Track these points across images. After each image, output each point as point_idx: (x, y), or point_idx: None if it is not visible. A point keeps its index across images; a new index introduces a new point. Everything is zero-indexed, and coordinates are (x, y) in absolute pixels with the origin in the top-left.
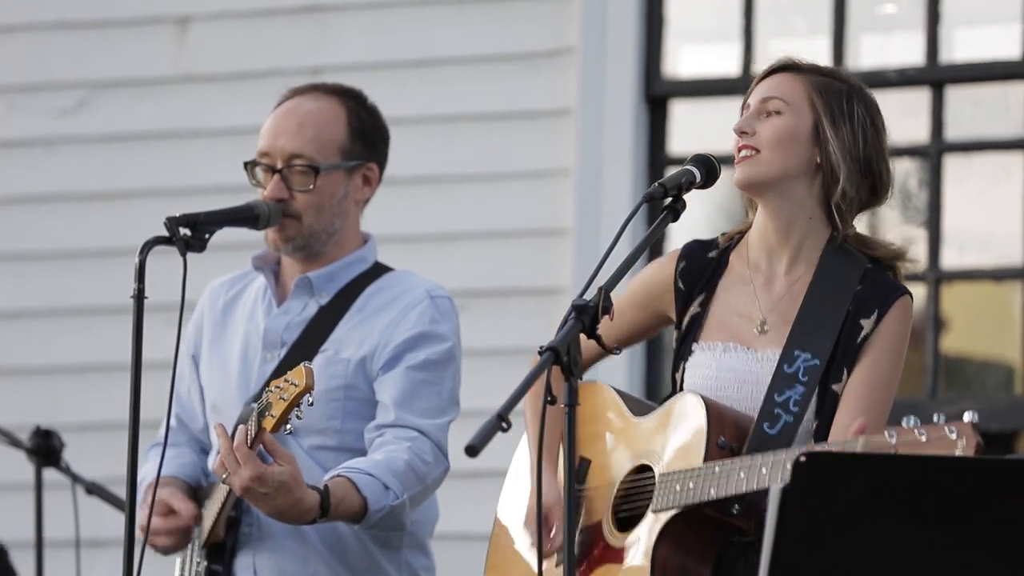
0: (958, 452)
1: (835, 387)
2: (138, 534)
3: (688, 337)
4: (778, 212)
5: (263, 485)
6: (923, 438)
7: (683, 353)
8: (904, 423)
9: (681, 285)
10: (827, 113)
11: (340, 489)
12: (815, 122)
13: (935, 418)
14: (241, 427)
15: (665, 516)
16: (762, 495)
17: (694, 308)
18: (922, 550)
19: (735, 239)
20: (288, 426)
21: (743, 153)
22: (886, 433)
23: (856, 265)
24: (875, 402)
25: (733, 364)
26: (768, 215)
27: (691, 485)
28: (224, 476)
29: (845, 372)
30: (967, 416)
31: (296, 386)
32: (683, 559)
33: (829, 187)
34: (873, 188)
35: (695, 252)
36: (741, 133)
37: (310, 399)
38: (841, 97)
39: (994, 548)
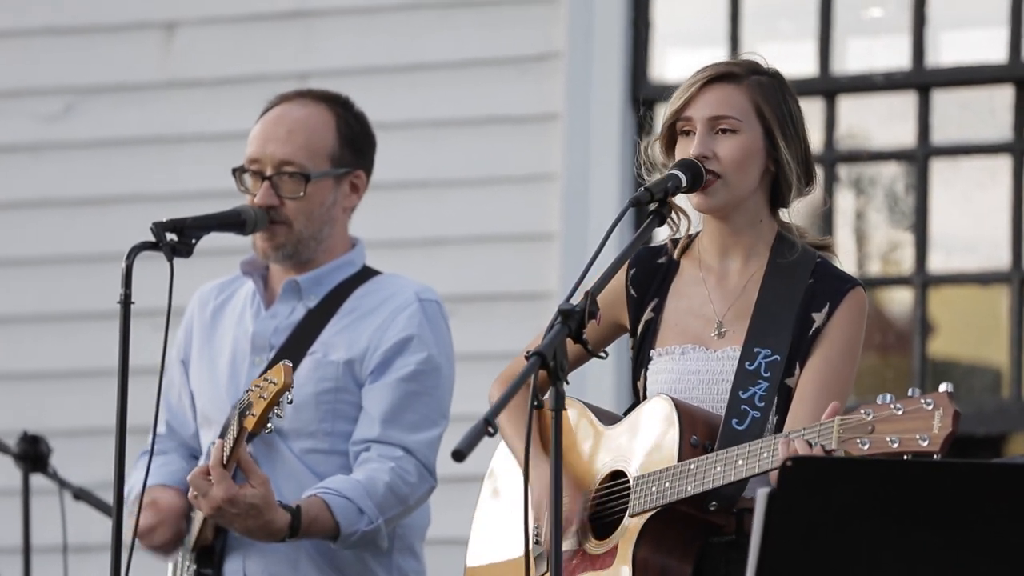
0: (936, 422)
1: (788, 382)
2: (128, 540)
3: (645, 344)
4: (732, 221)
5: (234, 506)
6: (899, 412)
7: (642, 360)
8: (879, 400)
9: (633, 292)
10: (776, 122)
11: (313, 510)
12: (765, 132)
13: (910, 392)
14: (218, 441)
15: (643, 517)
16: (738, 490)
17: (647, 314)
18: (909, 555)
19: (685, 244)
20: (269, 425)
21: (707, 182)
22: (862, 411)
23: (807, 258)
24: (828, 395)
25: (695, 366)
26: (721, 223)
27: (667, 485)
28: (194, 495)
29: (797, 366)
30: (943, 387)
31: (275, 384)
32: (664, 559)
33: (780, 191)
34: (809, 180)
35: (644, 259)
36: (702, 158)
37: (289, 396)
38: (779, 99)
39: (981, 552)
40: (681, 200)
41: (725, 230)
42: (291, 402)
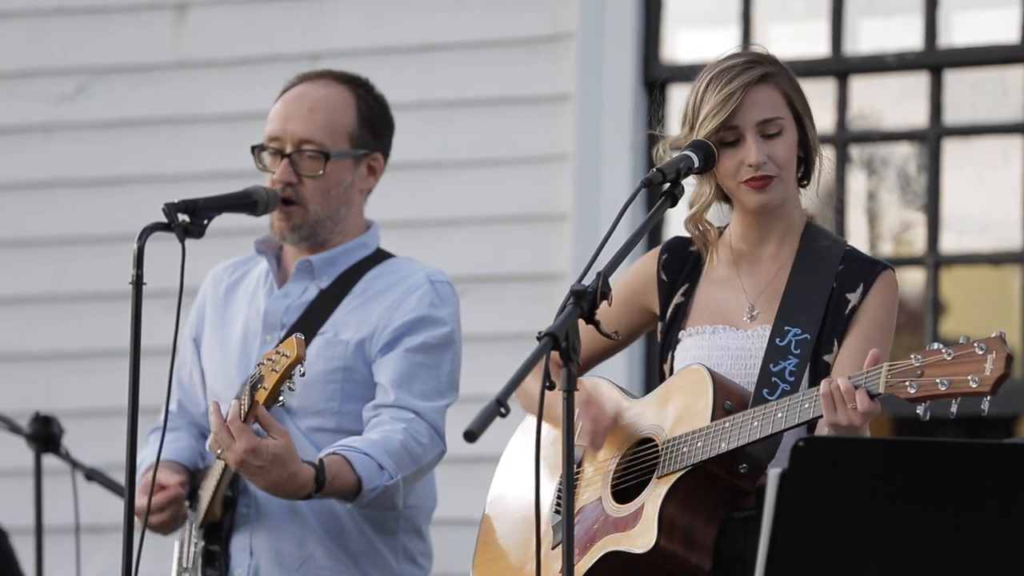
0: (988, 365)
1: (826, 358)
2: (136, 519)
3: (673, 327)
4: (776, 212)
5: (257, 458)
6: (950, 357)
7: (670, 343)
8: (928, 347)
9: (664, 277)
10: (804, 112)
11: (335, 465)
12: (797, 123)
13: (961, 339)
14: (235, 402)
15: (672, 477)
16: (769, 454)
17: (678, 298)
18: (920, 534)
19: (714, 238)
20: (281, 399)
21: (761, 179)
22: (911, 357)
23: (835, 246)
24: None
25: (725, 343)
26: (763, 216)
27: (700, 444)
28: (219, 452)
29: (836, 343)
30: (995, 333)
31: (287, 357)
32: (690, 519)
33: (806, 176)
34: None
35: (676, 245)
36: (761, 166)
37: (301, 370)
38: (795, 86)
39: (992, 532)
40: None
41: (762, 220)
42: (303, 375)
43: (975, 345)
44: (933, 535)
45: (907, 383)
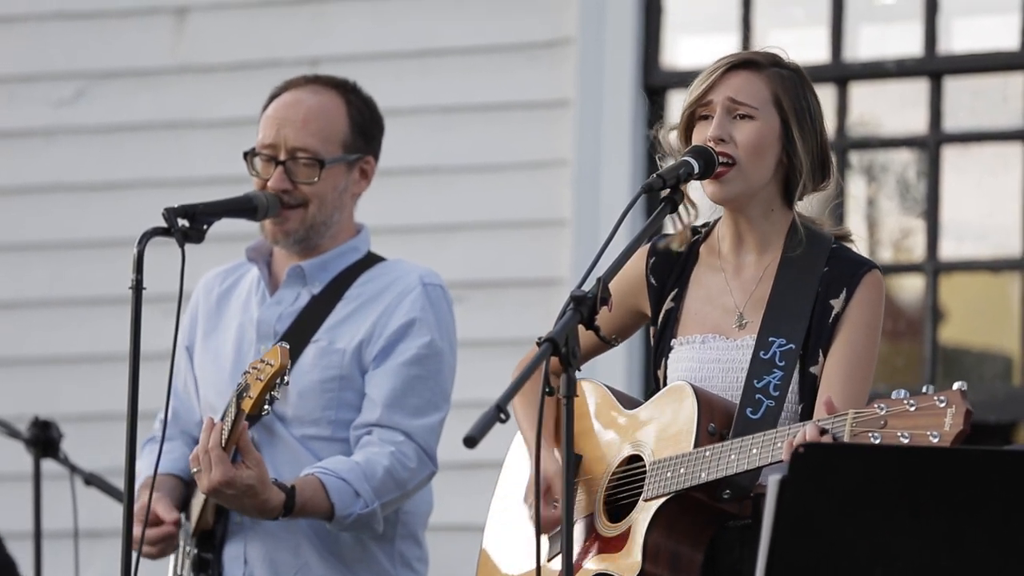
0: (948, 420)
1: (813, 370)
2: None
3: (666, 333)
4: (746, 212)
5: (230, 487)
6: (912, 408)
7: (663, 349)
8: (894, 395)
9: (653, 281)
10: (793, 114)
11: (308, 490)
12: (782, 123)
13: (924, 389)
14: (217, 425)
15: (657, 502)
16: (752, 480)
17: (668, 303)
18: (918, 540)
19: (702, 232)
20: (267, 408)
21: (720, 166)
22: (875, 406)
23: (821, 245)
24: (854, 379)
25: (714, 355)
26: (735, 214)
27: (682, 471)
28: (195, 471)
29: (821, 354)
30: (956, 385)
31: (272, 366)
32: (675, 545)
33: (790, 182)
34: (824, 176)
35: (663, 248)
36: (718, 140)
37: (286, 378)
38: (798, 92)
39: (991, 539)
40: (692, 191)
41: (740, 221)
42: (287, 383)
43: (936, 398)
44: (932, 541)
45: (870, 434)
